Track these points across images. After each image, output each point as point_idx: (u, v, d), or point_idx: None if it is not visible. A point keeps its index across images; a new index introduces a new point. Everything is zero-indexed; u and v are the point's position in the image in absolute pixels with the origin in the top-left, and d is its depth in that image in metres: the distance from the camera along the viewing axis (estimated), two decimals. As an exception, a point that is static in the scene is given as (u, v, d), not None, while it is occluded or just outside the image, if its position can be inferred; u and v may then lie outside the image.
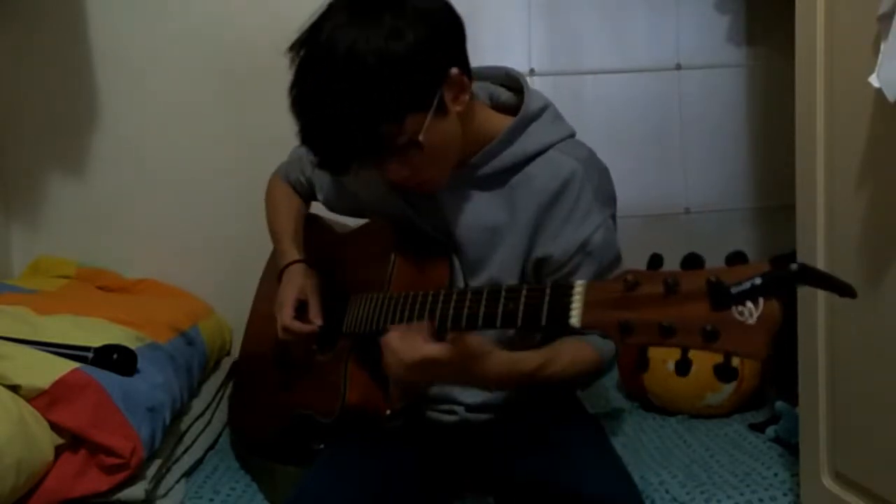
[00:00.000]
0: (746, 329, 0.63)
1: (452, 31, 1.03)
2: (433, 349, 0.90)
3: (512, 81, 1.19)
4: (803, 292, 1.16)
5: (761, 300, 0.62)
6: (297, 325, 1.19)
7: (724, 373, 1.62)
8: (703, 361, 1.63)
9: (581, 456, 1.06)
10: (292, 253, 1.30)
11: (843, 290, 0.64)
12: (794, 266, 0.61)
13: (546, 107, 1.15)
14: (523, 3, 1.91)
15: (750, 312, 0.63)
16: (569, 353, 1.05)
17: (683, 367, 1.64)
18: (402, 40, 0.95)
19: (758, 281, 0.62)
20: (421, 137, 0.99)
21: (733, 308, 0.63)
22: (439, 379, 0.93)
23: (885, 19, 0.94)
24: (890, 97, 0.92)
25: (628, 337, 0.70)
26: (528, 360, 1.00)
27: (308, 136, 1.02)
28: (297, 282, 1.24)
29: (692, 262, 1.66)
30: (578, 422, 1.20)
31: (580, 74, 1.95)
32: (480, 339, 0.92)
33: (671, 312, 0.67)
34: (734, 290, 0.63)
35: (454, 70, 1.01)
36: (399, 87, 0.96)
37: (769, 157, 1.97)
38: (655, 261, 1.75)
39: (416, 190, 1.09)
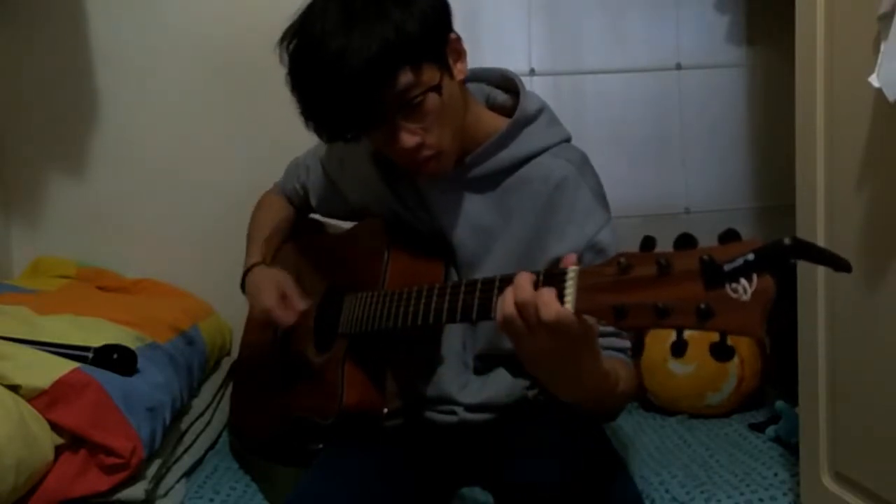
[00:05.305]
0: (741, 306, 0.62)
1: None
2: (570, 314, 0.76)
3: (508, 83, 1.19)
4: (804, 292, 1.17)
5: (755, 276, 0.62)
6: (291, 314, 1.20)
7: (720, 352, 1.62)
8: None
9: (580, 455, 1.06)
10: (254, 257, 1.31)
11: (837, 264, 0.63)
12: (787, 240, 0.60)
13: (542, 109, 1.15)
14: (523, 3, 1.91)
15: (744, 289, 0.62)
16: (623, 368, 1.00)
17: (679, 348, 1.64)
18: (415, 0, 0.99)
19: (750, 257, 0.62)
20: (438, 83, 1.00)
21: (727, 286, 0.63)
22: (537, 347, 0.79)
23: (885, 19, 0.94)
24: (890, 97, 0.92)
25: (623, 320, 0.70)
26: (612, 374, 0.92)
27: (321, 103, 1.01)
28: (271, 280, 1.24)
29: (685, 242, 1.64)
30: (578, 421, 1.20)
31: (580, 74, 1.94)
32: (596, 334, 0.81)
33: (665, 293, 0.67)
34: (727, 267, 0.63)
35: (452, 35, 1.05)
36: (417, 37, 0.98)
37: (769, 157, 1.97)
38: (648, 243, 1.74)
39: (421, 169, 1.08)
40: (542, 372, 0.85)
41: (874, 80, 0.94)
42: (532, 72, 1.92)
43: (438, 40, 1.03)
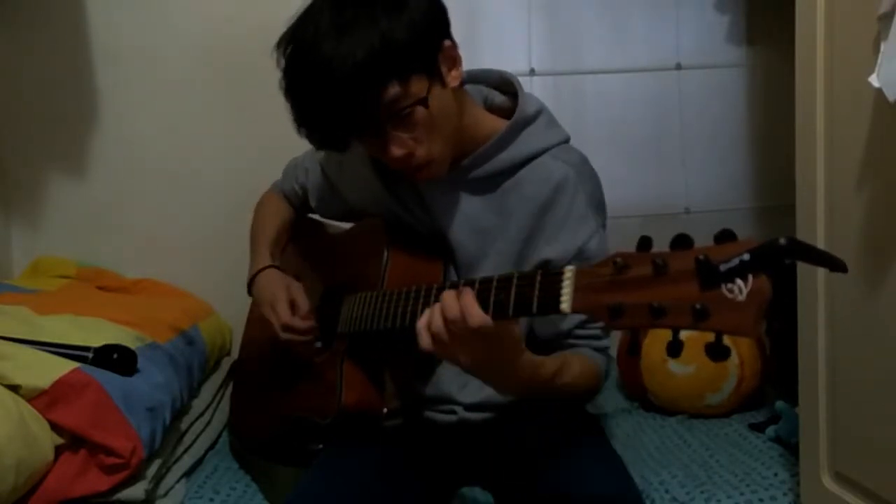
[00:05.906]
0: (736, 307, 0.62)
1: (441, 5, 1.05)
2: (488, 320, 0.83)
3: (506, 84, 1.19)
4: (804, 292, 1.17)
5: (750, 277, 0.62)
6: (300, 322, 1.19)
7: (715, 352, 1.62)
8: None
9: (580, 455, 1.06)
10: (265, 258, 1.31)
11: (833, 264, 0.64)
12: (782, 240, 0.61)
13: (540, 111, 1.15)
14: (523, 2, 1.91)
15: (739, 289, 0.62)
16: (578, 364, 1.05)
17: (675, 348, 1.64)
18: (406, 9, 0.98)
19: (746, 257, 0.62)
20: (426, 95, 1.00)
21: (723, 286, 0.63)
22: (469, 357, 0.87)
23: (885, 19, 0.94)
24: (890, 97, 0.92)
25: (618, 320, 0.70)
26: (548, 365, 0.99)
27: (310, 110, 1.01)
28: (281, 283, 1.24)
29: (681, 242, 1.64)
30: (578, 421, 1.20)
31: (580, 74, 1.95)
32: (520, 332, 0.92)
33: (661, 293, 0.67)
34: (723, 267, 0.63)
35: (447, 42, 1.04)
36: (404, 47, 0.97)
37: (769, 157, 1.97)
38: (644, 243, 1.74)
39: (415, 175, 1.08)
40: (476, 372, 0.92)
41: (874, 80, 0.94)
42: (532, 72, 1.92)
43: (429, 49, 1.02)
